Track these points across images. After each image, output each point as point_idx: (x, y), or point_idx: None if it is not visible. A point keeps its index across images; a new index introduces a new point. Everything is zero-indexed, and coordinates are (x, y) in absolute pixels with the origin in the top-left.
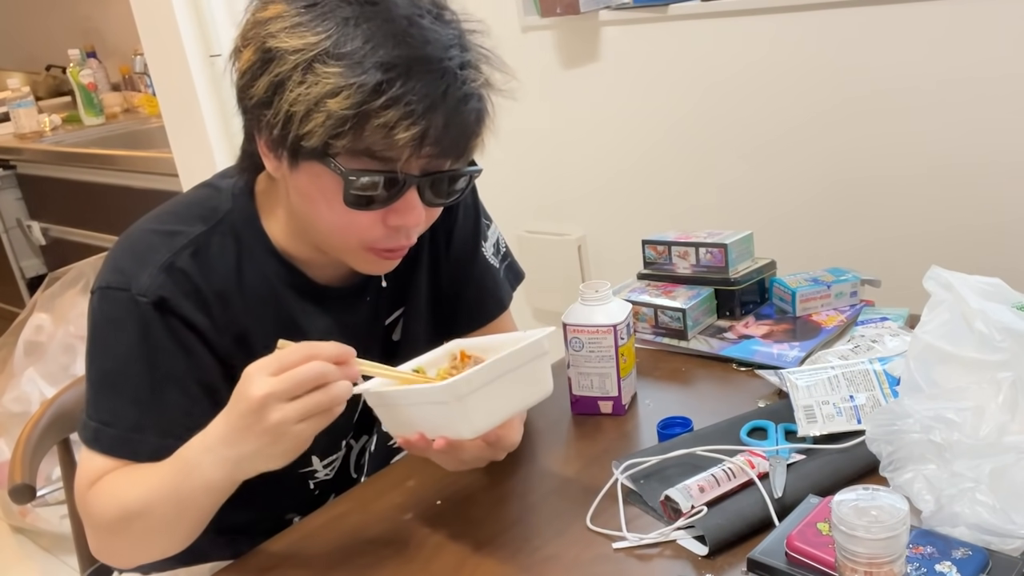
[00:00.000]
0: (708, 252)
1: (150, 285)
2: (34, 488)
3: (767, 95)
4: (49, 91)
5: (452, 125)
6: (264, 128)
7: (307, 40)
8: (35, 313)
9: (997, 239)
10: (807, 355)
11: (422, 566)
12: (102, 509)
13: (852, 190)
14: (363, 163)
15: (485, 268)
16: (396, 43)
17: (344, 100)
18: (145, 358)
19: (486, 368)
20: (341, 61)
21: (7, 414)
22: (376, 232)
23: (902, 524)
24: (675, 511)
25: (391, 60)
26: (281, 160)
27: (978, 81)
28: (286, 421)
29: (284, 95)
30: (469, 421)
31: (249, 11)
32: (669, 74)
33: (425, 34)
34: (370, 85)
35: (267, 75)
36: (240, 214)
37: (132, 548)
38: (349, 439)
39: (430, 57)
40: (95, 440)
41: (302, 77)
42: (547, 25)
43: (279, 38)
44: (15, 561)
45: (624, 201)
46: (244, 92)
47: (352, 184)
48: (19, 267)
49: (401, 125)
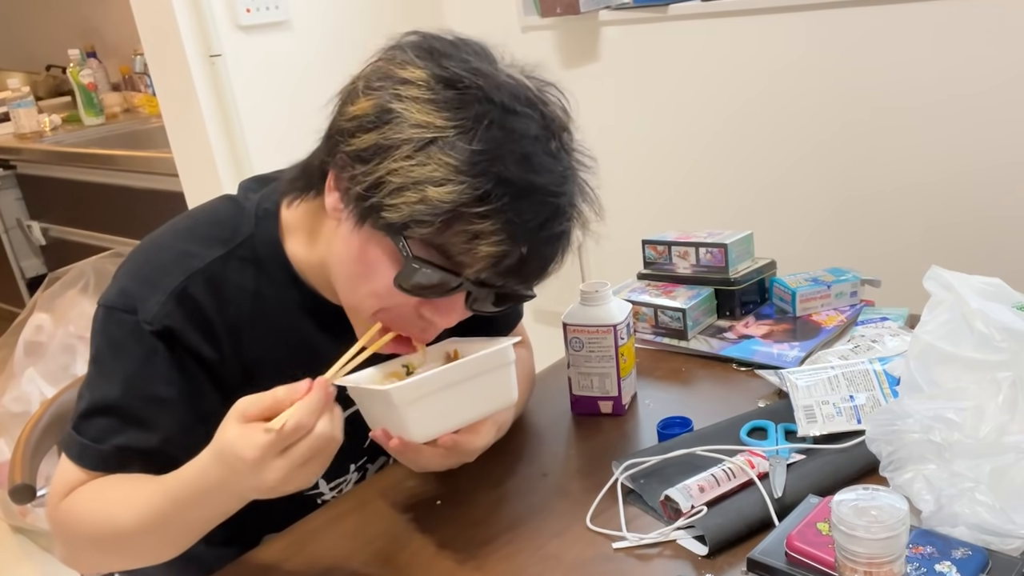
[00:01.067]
0: (708, 252)
1: (157, 313)
2: (34, 488)
3: (767, 95)
4: (49, 91)
5: (535, 257)
6: (347, 179)
7: (434, 119)
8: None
9: (997, 239)
10: (807, 355)
11: (422, 566)
12: (76, 521)
13: (852, 190)
14: (431, 255)
15: None
16: (519, 161)
17: (446, 193)
18: (144, 385)
19: (430, 377)
20: (461, 155)
21: (7, 414)
22: (406, 317)
23: (902, 524)
24: (675, 511)
25: (510, 176)
26: (348, 211)
27: (979, 81)
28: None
29: (386, 162)
30: (419, 425)
31: (382, 55)
32: (669, 74)
33: (550, 164)
34: (480, 191)
35: (376, 133)
36: (262, 239)
37: (110, 562)
38: (364, 463)
39: (546, 188)
40: (80, 456)
41: (412, 153)
42: (547, 25)
43: (406, 104)
44: (15, 561)
45: (624, 201)
46: (343, 136)
47: (412, 272)
48: (19, 267)
49: (490, 240)
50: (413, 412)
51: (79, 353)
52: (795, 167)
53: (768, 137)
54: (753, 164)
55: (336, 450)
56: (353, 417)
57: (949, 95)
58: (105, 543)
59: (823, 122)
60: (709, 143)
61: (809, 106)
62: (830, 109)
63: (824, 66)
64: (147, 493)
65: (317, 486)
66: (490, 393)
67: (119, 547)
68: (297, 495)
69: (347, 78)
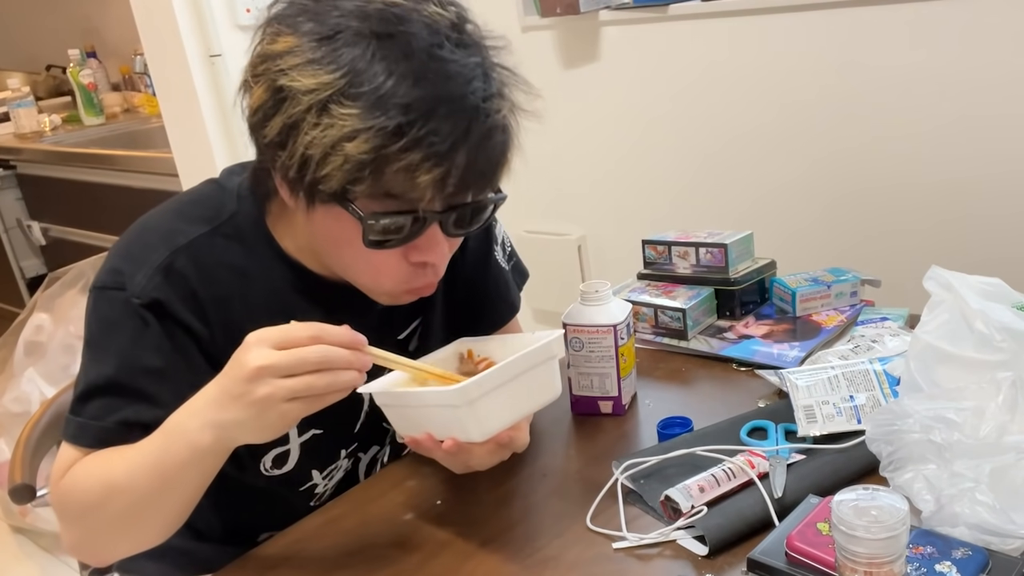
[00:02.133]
0: (708, 252)
1: (145, 286)
2: (34, 488)
3: (767, 95)
4: (49, 91)
5: (476, 162)
6: (279, 168)
7: (321, 79)
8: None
9: (997, 239)
10: (807, 355)
11: (422, 567)
12: (80, 489)
13: (852, 190)
14: (383, 204)
15: (498, 273)
16: (416, 80)
17: (362, 144)
18: (138, 357)
19: (497, 371)
20: (357, 102)
21: (7, 414)
22: (402, 272)
23: (902, 524)
24: (675, 511)
25: (411, 100)
26: (298, 199)
27: (979, 81)
28: (274, 397)
29: (299, 138)
30: (479, 424)
31: (257, 42)
32: (669, 74)
33: (447, 68)
34: (390, 128)
35: (280, 115)
36: (245, 217)
37: (111, 534)
38: (355, 450)
39: (453, 95)
40: (78, 435)
41: (317, 119)
42: (547, 25)
43: (291, 76)
44: (15, 561)
45: (624, 201)
46: (256, 131)
47: (372, 228)
48: (19, 267)
49: (423, 167)
50: (476, 411)
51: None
52: (795, 167)
53: (768, 137)
54: (753, 164)
55: (326, 405)
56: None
57: (950, 95)
58: (108, 508)
59: (823, 122)
60: (709, 143)
61: (809, 106)
62: (830, 109)
63: (824, 66)
64: (146, 441)
65: (311, 476)
66: (540, 387)
67: (116, 505)
68: (292, 488)
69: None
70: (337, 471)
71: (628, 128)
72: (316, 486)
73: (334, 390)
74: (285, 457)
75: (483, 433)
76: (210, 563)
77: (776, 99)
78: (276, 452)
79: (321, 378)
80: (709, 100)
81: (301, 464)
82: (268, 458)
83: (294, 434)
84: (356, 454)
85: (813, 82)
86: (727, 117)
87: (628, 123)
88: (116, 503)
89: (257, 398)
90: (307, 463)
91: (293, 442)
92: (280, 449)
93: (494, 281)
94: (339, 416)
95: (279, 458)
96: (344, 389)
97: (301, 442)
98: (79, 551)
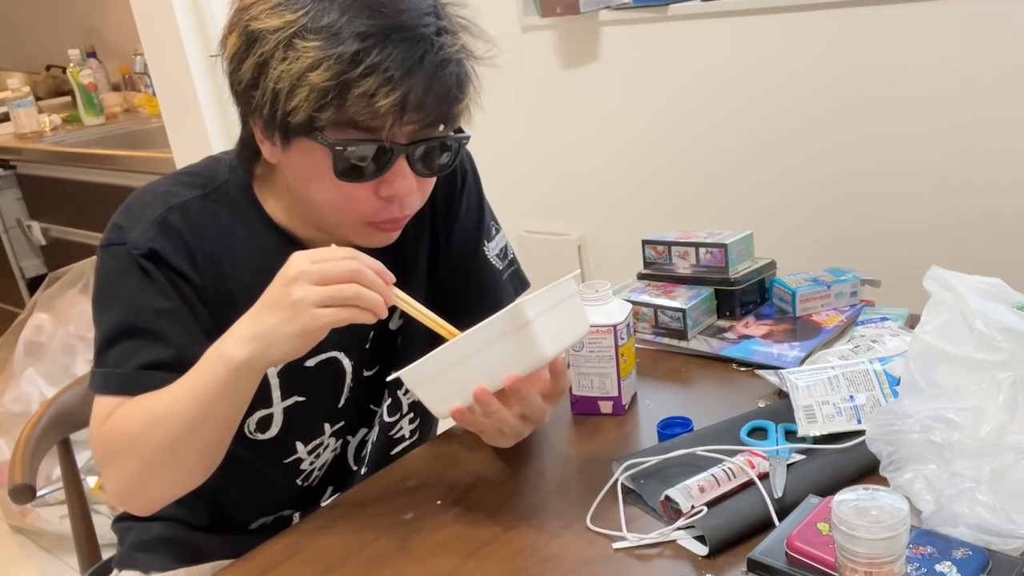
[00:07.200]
0: (708, 252)
1: (142, 238)
2: (34, 488)
3: (767, 95)
4: (49, 91)
5: (432, 89)
6: (255, 111)
7: (286, 18)
8: (35, 313)
9: (997, 239)
10: (807, 355)
11: (422, 566)
12: (124, 425)
13: (852, 190)
14: (349, 134)
15: (486, 268)
16: (371, 13)
17: (324, 72)
18: (148, 301)
19: (541, 296)
20: (319, 35)
21: (7, 414)
22: (371, 205)
23: (902, 524)
24: (675, 511)
25: (367, 29)
26: (275, 142)
27: (979, 80)
28: (305, 300)
29: (269, 74)
30: (549, 338)
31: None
32: (669, 74)
33: (400, 3)
34: (348, 55)
35: (252, 57)
36: (235, 184)
37: (153, 470)
38: (341, 430)
39: (405, 24)
40: (105, 384)
41: (284, 54)
42: (547, 25)
43: (260, 20)
44: (15, 561)
45: (624, 201)
46: (233, 78)
47: (340, 155)
48: (19, 267)
49: (381, 92)
50: (539, 327)
51: (79, 353)
52: (795, 167)
53: (768, 137)
54: (753, 164)
55: (355, 320)
56: (322, 369)
57: (950, 95)
58: (151, 439)
59: (823, 122)
60: (709, 143)
61: (809, 106)
62: (830, 109)
63: (824, 66)
64: (185, 374)
65: (295, 448)
66: (574, 321)
67: (158, 438)
68: (277, 460)
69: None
70: (324, 450)
71: (628, 128)
72: (301, 461)
73: (361, 303)
74: (269, 421)
75: (554, 347)
76: (202, 553)
77: (776, 99)
78: (260, 415)
79: (350, 287)
80: (709, 100)
81: (285, 431)
82: (252, 420)
83: (277, 397)
84: (344, 436)
85: (813, 82)
86: (727, 117)
87: (628, 123)
88: (158, 433)
89: (292, 300)
90: (290, 432)
91: (276, 406)
92: (264, 412)
93: (480, 274)
94: (322, 385)
95: (263, 421)
96: (370, 307)
97: (284, 407)
98: (123, 495)
